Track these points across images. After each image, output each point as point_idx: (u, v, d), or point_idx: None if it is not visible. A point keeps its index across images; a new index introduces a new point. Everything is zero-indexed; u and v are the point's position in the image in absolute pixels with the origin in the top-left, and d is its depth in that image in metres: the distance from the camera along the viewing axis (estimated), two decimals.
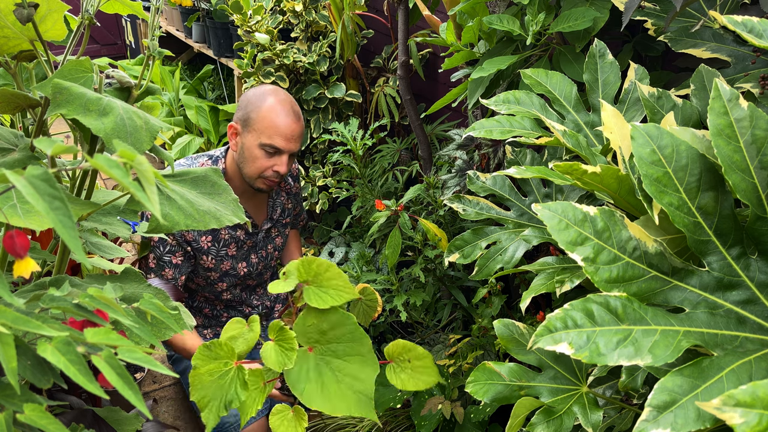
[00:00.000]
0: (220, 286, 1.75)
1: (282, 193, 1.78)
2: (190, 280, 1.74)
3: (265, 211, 1.76)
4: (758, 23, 0.78)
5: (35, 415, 0.50)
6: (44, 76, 0.87)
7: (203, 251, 1.64)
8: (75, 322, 0.56)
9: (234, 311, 1.85)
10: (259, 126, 1.52)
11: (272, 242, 1.80)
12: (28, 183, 0.43)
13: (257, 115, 1.52)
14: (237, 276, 1.75)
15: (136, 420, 0.88)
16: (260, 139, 1.52)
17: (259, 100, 1.54)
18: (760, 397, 0.53)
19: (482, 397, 0.92)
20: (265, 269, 1.81)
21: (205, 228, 0.71)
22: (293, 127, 1.53)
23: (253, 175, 1.56)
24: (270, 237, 1.79)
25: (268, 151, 1.53)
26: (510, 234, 1.22)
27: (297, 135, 1.55)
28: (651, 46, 1.30)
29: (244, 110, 1.55)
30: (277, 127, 1.51)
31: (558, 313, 0.68)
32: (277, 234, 1.81)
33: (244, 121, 1.55)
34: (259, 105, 1.53)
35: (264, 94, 1.55)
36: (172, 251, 1.59)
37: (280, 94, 1.56)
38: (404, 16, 1.87)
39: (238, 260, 1.72)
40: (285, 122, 1.52)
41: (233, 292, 1.80)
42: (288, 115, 1.53)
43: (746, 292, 0.73)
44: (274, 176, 1.56)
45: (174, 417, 1.86)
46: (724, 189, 0.74)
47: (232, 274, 1.73)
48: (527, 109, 1.09)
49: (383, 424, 1.75)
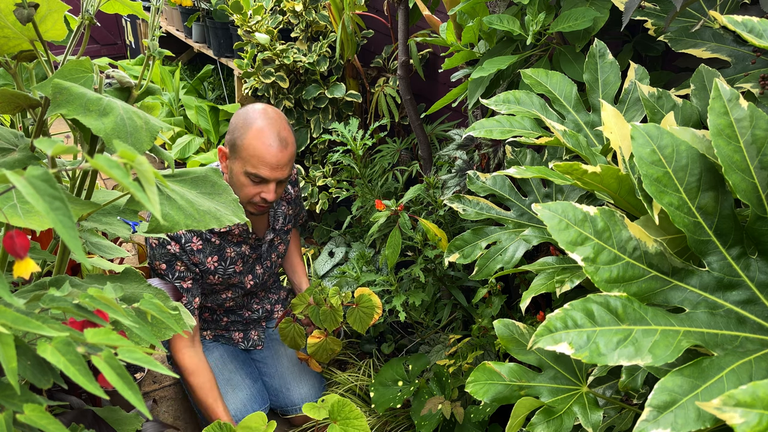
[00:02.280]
0: (224, 296, 1.75)
1: (282, 203, 1.77)
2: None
3: (266, 221, 1.75)
4: (758, 23, 0.78)
5: (35, 415, 0.50)
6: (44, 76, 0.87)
7: (210, 272, 1.63)
8: (75, 323, 0.56)
9: (234, 315, 1.86)
10: (244, 154, 1.47)
11: (275, 251, 1.80)
12: (28, 183, 0.43)
13: (242, 143, 1.47)
14: (244, 289, 1.75)
15: (136, 420, 0.88)
16: (245, 168, 1.48)
17: (246, 125, 1.48)
18: (760, 397, 0.53)
19: (482, 397, 0.92)
20: (267, 276, 1.82)
21: (205, 228, 0.71)
22: (279, 156, 1.47)
23: (242, 201, 1.52)
24: (273, 246, 1.79)
25: (253, 180, 1.49)
26: (510, 234, 1.22)
27: (284, 163, 1.49)
28: (651, 46, 1.30)
29: (232, 134, 1.50)
30: (261, 157, 1.46)
31: (558, 313, 0.68)
32: (279, 242, 1.81)
33: (232, 146, 1.50)
34: (245, 131, 1.47)
35: (251, 118, 1.49)
36: (182, 277, 1.58)
37: (268, 117, 1.49)
38: (404, 16, 1.87)
39: (245, 274, 1.72)
40: (270, 151, 1.46)
41: (236, 300, 1.80)
42: (274, 142, 1.47)
43: (746, 292, 0.73)
44: (262, 202, 1.53)
45: (174, 417, 1.86)
46: (724, 189, 0.74)
47: (239, 287, 1.74)
48: (527, 109, 1.09)
49: (383, 424, 1.75)
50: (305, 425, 1.82)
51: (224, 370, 1.77)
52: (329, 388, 1.90)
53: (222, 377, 1.74)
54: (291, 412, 1.81)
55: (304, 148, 2.36)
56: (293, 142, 1.53)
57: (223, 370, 1.76)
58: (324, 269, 2.30)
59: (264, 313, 1.91)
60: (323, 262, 2.33)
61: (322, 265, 2.31)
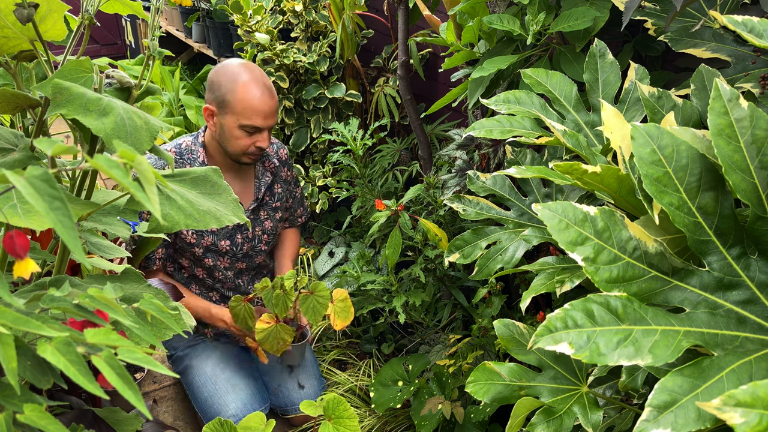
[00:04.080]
0: (207, 262, 1.76)
1: (267, 174, 1.79)
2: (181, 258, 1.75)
3: (251, 192, 1.78)
4: (758, 23, 0.78)
5: (35, 415, 0.50)
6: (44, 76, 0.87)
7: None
8: (75, 323, 0.56)
9: (227, 302, 1.85)
10: (237, 108, 1.56)
11: (260, 225, 1.81)
12: (28, 183, 0.43)
13: (233, 98, 1.56)
14: (219, 252, 1.75)
15: (136, 420, 0.87)
16: (240, 121, 1.57)
17: (233, 80, 1.57)
18: (760, 397, 0.53)
19: (482, 397, 0.92)
20: (253, 251, 1.81)
21: (205, 228, 0.71)
22: (270, 104, 1.59)
23: (238, 153, 1.64)
24: (258, 219, 1.80)
25: (248, 130, 1.59)
26: (510, 234, 1.22)
27: (274, 110, 1.61)
28: (651, 46, 1.29)
29: (218, 91, 1.58)
30: (255, 108, 1.56)
31: (558, 313, 0.68)
32: (266, 217, 1.81)
33: (220, 102, 1.59)
34: (233, 86, 1.56)
35: (235, 73, 1.58)
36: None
37: (251, 71, 1.59)
38: (404, 16, 1.87)
39: (220, 237, 1.74)
40: (261, 101, 1.57)
41: (225, 274, 1.80)
42: (263, 93, 1.57)
43: (746, 292, 0.73)
44: (257, 151, 1.64)
45: (174, 417, 1.86)
46: (725, 189, 0.74)
47: (213, 250, 1.74)
48: (527, 108, 1.09)
49: (383, 424, 1.75)
50: (305, 425, 1.82)
51: (225, 370, 1.77)
52: (329, 388, 1.90)
53: (222, 377, 1.74)
54: (291, 411, 1.81)
55: (304, 148, 2.36)
56: (275, 90, 1.66)
57: (224, 370, 1.76)
58: (324, 269, 2.30)
59: (259, 302, 1.91)
60: (323, 262, 2.33)
61: (322, 265, 2.31)
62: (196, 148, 1.69)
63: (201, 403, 1.73)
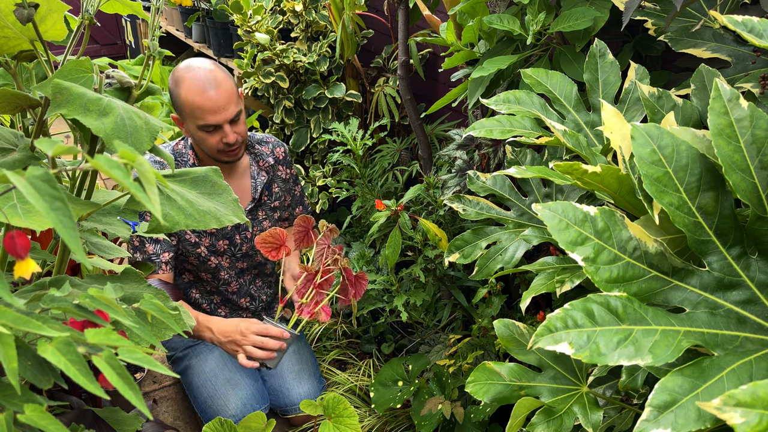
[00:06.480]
0: (212, 263, 1.76)
1: (262, 173, 1.79)
2: (185, 260, 1.75)
3: (248, 193, 1.78)
4: (758, 23, 0.78)
5: (35, 415, 0.50)
6: (44, 76, 0.87)
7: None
8: (75, 323, 0.56)
9: (231, 304, 1.85)
10: (187, 112, 1.53)
11: (259, 225, 1.81)
12: (28, 183, 0.43)
13: (181, 102, 1.53)
14: (218, 252, 1.75)
15: (136, 420, 0.87)
16: (196, 123, 1.54)
17: (177, 85, 1.54)
18: (760, 397, 0.53)
19: (482, 397, 0.92)
20: (253, 251, 1.81)
21: (205, 228, 0.71)
22: (216, 98, 1.51)
23: (213, 153, 1.60)
24: (256, 219, 1.80)
25: (208, 130, 1.55)
26: (510, 234, 1.22)
27: (223, 102, 1.52)
28: (651, 46, 1.30)
29: (173, 99, 1.56)
30: (201, 107, 1.51)
31: (558, 313, 0.68)
32: (264, 217, 1.81)
33: (177, 110, 1.57)
34: (179, 91, 1.53)
35: (179, 77, 1.54)
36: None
37: (191, 71, 1.52)
38: (404, 16, 1.87)
39: (218, 238, 1.74)
40: (205, 98, 1.50)
41: (229, 273, 1.80)
42: (205, 90, 1.50)
43: (746, 292, 0.73)
44: (227, 147, 1.59)
45: (174, 417, 1.86)
46: (725, 189, 0.74)
47: (212, 250, 1.74)
48: (527, 108, 1.09)
49: (383, 424, 1.75)
50: (305, 425, 1.82)
51: (224, 370, 1.77)
52: (329, 388, 1.90)
53: (222, 377, 1.74)
54: (291, 411, 1.81)
55: (304, 148, 2.36)
56: (226, 76, 1.56)
57: (223, 370, 1.76)
58: None
59: (260, 304, 1.91)
60: None
61: None
62: (186, 151, 1.68)
63: (201, 403, 1.73)
